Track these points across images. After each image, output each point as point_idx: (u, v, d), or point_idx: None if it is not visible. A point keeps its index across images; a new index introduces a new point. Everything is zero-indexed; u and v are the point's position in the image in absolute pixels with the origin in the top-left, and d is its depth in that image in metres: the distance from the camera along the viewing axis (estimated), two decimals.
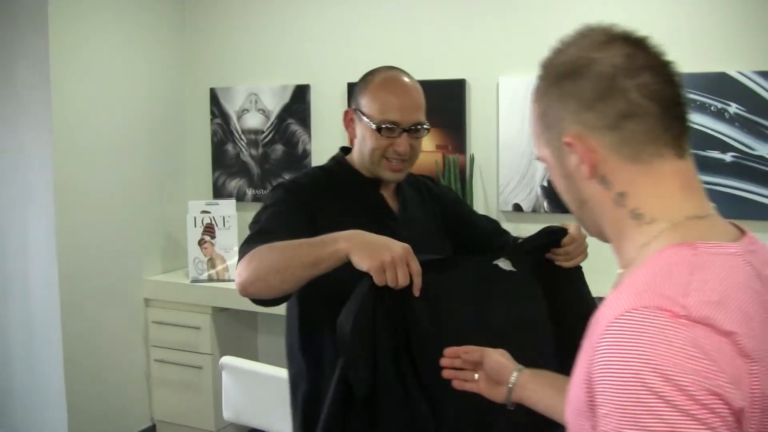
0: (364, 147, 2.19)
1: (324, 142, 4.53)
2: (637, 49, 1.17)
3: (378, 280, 1.76)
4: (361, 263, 1.77)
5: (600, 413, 0.99)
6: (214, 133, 4.84)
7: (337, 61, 4.47)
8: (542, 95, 1.24)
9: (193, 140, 4.93)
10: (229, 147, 4.80)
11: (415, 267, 1.79)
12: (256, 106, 4.68)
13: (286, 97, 4.60)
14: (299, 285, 1.94)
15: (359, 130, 2.22)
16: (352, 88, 4.36)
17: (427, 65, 4.20)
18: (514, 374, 1.71)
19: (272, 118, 4.64)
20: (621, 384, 0.95)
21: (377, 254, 1.76)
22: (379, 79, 2.21)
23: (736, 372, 0.95)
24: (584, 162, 1.17)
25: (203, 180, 4.92)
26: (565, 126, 1.19)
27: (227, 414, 3.70)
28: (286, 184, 2.22)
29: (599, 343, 1.01)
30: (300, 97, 4.56)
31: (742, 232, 1.21)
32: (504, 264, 1.99)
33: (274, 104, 4.63)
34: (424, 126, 2.19)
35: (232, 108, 4.76)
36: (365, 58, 4.35)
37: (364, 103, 2.19)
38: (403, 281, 1.76)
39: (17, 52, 4.09)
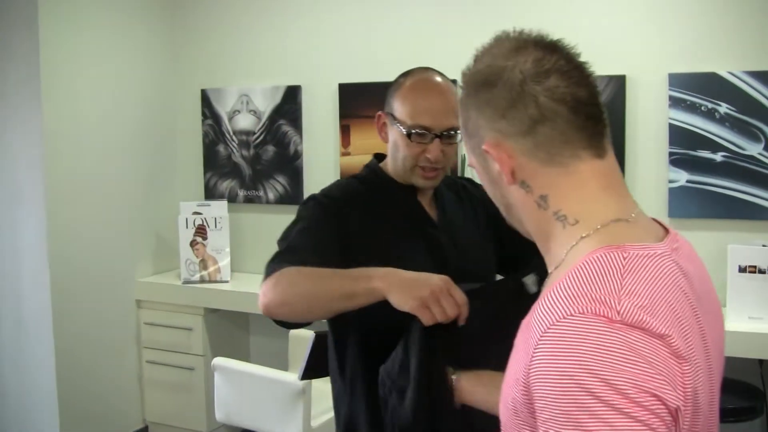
0: (396, 153, 2.08)
1: (315, 143, 4.53)
2: (546, 53, 1.18)
3: (425, 319, 1.68)
4: (402, 304, 1.69)
5: (541, 418, 1.01)
6: (205, 134, 4.83)
7: (328, 62, 4.47)
8: (463, 105, 1.26)
9: (185, 141, 4.92)
10: (221, 148, 4.79)
11: (460, 297, 1.70)
12: (247, 107, 4.68)
13: (278, 98, 4.59)
14: (328, 316, 1.91)
15: (391, 135, 2.09)
16: (343, 89, 4.41)
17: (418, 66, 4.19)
18: (453, 378, 1.74)
19: (263, 119, 4.64)
20: (561, 389, 0.97)
21: (416, 292, 1.68)
22: (411, 82, 2.09)
23: (671, 373, 0.97)
24: (503, 168, 1.19)
25: (195, 181, 4.92)
26: (483, 134, 1.21)
27: (219, 415, 3.70)
28: (318, 197, 2.11)
29: (537, 349, 1.02)
30: (291, 98, 4.56)
31: (666, 229, 1.23)
32: (530, 281, 1.92)
33: (266, 105, 4.63)
34: (458, 131, 1.97)
35: (223, 109, 4.76)
36: (356, 59, 4.36)
37: (396, 106, 2.06)
38: (452, 313, 1.68)
39: (8, 53, 4.08)
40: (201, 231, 4.49)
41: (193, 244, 4.48)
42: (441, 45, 4.18)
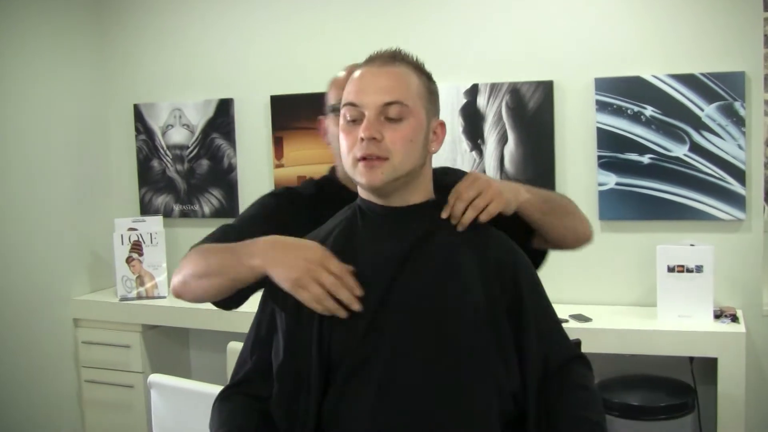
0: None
1: (249, 156, 4.52)
2: None
3: (307, 302, 1.56)
4: (282, 282, 1.60)
5: None
6: (139, 150, 4.80)
7: (259, 74, 4.47)
8: None
9: (118, 157, 4.87)
10: (155, 163, 4.76)
11: (337, 267, 1.56)
12: (180, 121, 4.65)
13: (210, 112, 4.58)
14: (225, 294, 1.80)
15: None
16: (275, 101, 4.41)
17: None
18: None
19: (197, 133, 4.62)
20: None
21: (294, 271, 1.57)
22: None
23: None
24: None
25: (129, 197, 4.87)
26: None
27: None
28: (277, 190, 2.10)
29: None
30: (224, 111, 4.55)
31: None
32: None
33: (198, 119, 4.61)
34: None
35: (156, 124, 4.73)
36: (287, 71, 4.37)
37: None
38: (333, 288, 1.54)
39: None
40: (137, 247, 4.45)
41: (128, 260, 4.44)
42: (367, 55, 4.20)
